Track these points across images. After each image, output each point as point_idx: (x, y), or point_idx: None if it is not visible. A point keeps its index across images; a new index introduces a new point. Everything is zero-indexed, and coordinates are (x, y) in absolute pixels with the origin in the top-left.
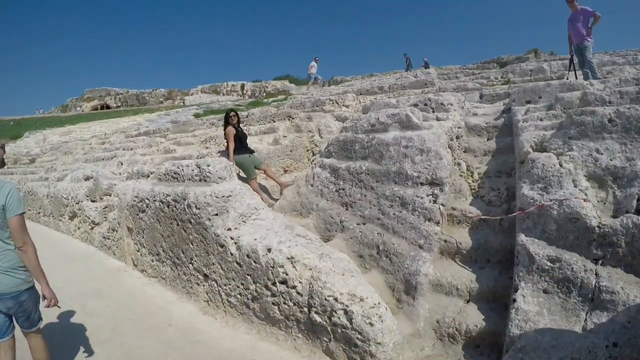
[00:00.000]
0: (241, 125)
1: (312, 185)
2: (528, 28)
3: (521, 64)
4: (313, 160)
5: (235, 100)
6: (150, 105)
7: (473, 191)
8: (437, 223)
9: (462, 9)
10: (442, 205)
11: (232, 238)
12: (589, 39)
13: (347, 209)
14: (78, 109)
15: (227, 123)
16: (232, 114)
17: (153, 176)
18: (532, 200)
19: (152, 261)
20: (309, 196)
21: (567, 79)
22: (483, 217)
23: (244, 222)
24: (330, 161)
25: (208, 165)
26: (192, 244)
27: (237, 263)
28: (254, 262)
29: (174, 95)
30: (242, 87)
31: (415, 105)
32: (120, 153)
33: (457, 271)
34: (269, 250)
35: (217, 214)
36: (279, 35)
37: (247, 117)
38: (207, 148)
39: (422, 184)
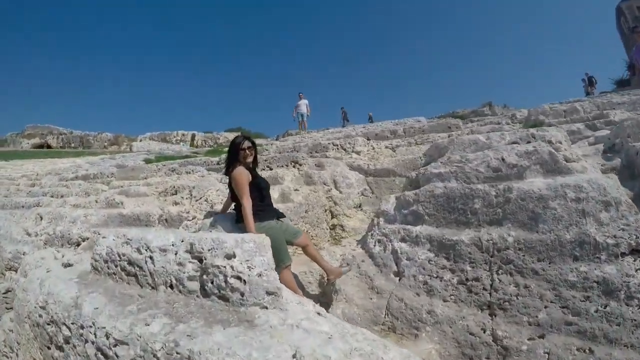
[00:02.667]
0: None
1: (398, 275)
2: (472, 84)
3: (553, 105)
4: (373, 227)
5: (191, 149)
6: (95, 149)
7: None
8: None
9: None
10: None
11: None
12: None
13: (495, 315)
14: (25, 145)
15: (234, 160)
16: (245, 144)
17: (86, 246)
18: None
19: None
20: (402, 295)
21: None
22: None
23: None
24: (426, 230)
25: (230, 259)
26: None
27: None
28: None
29: (120, 141)
30: (193, 137)
31: (515, 143)
32: (45, 201)
33: None
34: None
35: None
36: (230, 88)
37: (218, 163)
38: (176, 204)
39: (623, 254)
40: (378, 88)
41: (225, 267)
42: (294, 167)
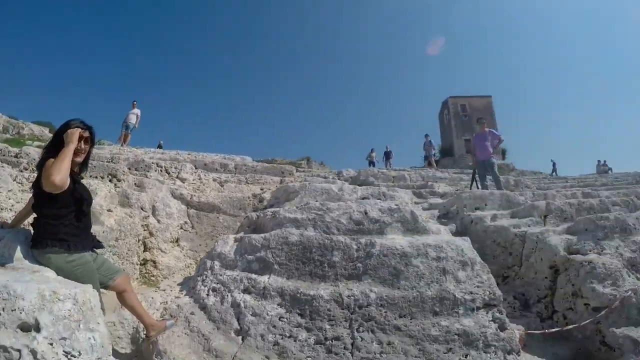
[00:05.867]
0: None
1: (241, 333)
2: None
3: (382, 170)
4: (205, 271)
5: None
6: None
7: None
8: (518, 352)
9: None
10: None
11: None
12: (493, 157)
13: None
14: None
15: (56, 150)
16: (81, 133)
17: None
18: (611, 296)
19: None
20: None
21: (471, 188)
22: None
23: None
24: (276, 281)
25: (30, 333)
26: None
27: None
28: None
29: None
30: None
31: (366, 198)
32: None
33: None
34: None
35: None
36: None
37: (17, 156)
38: None
39: (478, 308)
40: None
41: (19, 350)
42: (110, 181)
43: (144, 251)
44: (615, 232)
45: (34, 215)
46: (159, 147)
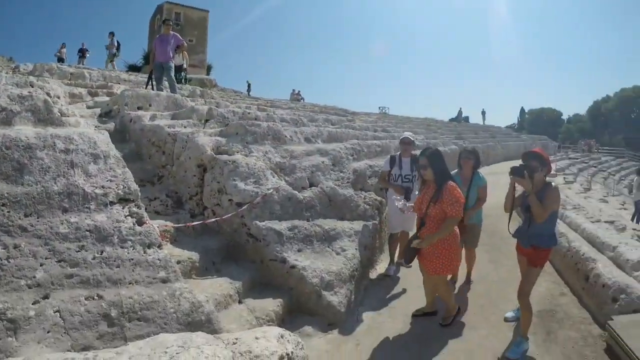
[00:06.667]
0: None
1: None
2: None
3: (62, 66)
4: None
5: None
6: None
7: None
8: (159, 246)
9: None
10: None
11: None
12: (172, 61)
13: None
14: None
15: None
16: None
17: None
18: (253, 193)
19: None
20: None
21: (146, 88)
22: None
23: None
24: None
25: None
26: None
27: None
28: None
29: None
30: None
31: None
32: None
33: (213, 284)
34: None
35: None
36: None
37: None
38: None
39: (112, 203)
40: None
41: None
42: None
43: None
44: (267, 139)
45: None
46: None
